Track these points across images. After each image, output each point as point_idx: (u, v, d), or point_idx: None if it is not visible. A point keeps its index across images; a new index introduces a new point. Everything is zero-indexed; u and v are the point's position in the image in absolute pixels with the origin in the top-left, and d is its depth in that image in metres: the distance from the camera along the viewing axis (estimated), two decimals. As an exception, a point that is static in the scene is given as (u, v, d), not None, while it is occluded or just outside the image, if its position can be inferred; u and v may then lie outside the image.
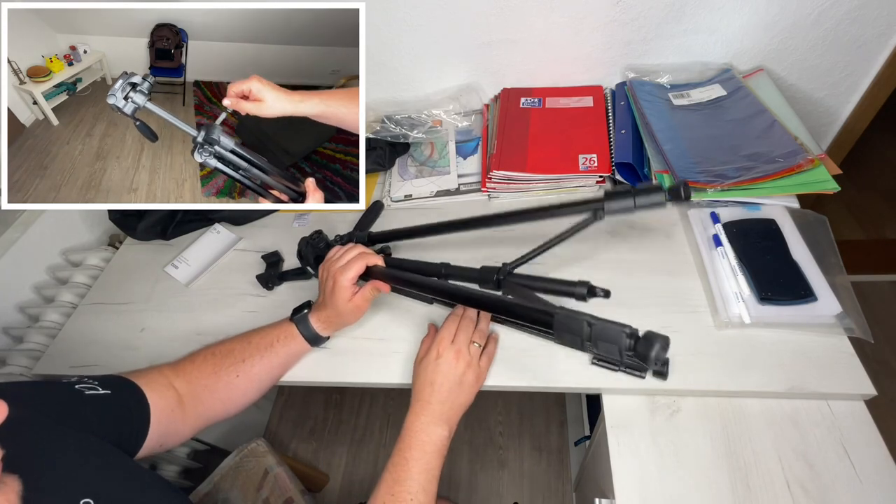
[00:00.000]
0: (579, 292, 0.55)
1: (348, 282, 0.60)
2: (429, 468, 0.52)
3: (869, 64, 0.91)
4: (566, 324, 0.45)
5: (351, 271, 0.60)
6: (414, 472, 0.51)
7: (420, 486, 0.51)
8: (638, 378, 0.59)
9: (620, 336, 0.41)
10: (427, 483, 0.51)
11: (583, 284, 0.55)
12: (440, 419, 0.55)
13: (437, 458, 0.53)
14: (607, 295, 0.54)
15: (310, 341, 0.64)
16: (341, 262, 0.62)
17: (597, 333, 0.43)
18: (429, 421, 0.55)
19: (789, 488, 0.52)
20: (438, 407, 0.55)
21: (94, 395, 0.45)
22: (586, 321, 0.43)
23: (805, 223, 0.70)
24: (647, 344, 0.40)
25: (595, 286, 0.55)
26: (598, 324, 0.43)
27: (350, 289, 0.61)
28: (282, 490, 0.86)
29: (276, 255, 0.82)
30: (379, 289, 0.62)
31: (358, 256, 0.62)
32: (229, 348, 0.61)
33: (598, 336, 0.43)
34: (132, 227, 0.88)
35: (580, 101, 0.92)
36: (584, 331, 0.44)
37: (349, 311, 0.62)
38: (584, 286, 0.55)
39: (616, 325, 0.42)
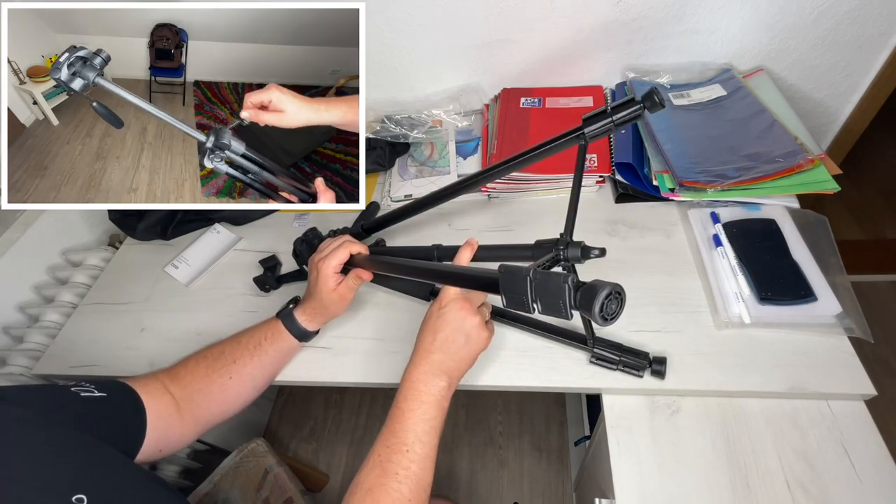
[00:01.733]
0: (572, 254, 0.51)
1: (331, 270, 0.60)
2: (426, 418, 0.49)
3: (869, 64, 0.91)
4: (510, 282, 0.41)
5: (334, 260, 0.60)
6: (410, 422, 0.48)
7: (416, 437, 0.48)
8: (636, 377, 0.59)
9: (562, 288, 0.38)
10: (424, 434, 0.48)
11: (575, 245, 0.52)
12: (440, 370, 0.51)
13: (436, 409, 0.50)
14: (602, 253, 0.51)
15: (297, 337, 0.64)
16: (325, 252, 0.62)
17: (538, 287, 0.39)
18: (427, 370, 0.51)
19: (789, 488, 0.52)
20: (439, 356, 0.52)
21: (89, 397, 0.45)
22: (528, 275, 0.40)
23: (805, 223, 0.70)
24: (589, 293, 0.37)
25: (589, 246, 0.52)
26: (540, 276, 0.39)
27: (333, 277, 0.61)
28: (282, 490, 0.86)
29: (273, 258, 0.82)
30: (360, 276, 0.62)
31: (341, 245, 0.62)
32: (220, 350, 0.61)
33: (539, 290, 0.39)
34: (132, 227, 0.88)
35: (580, 101, 0.92)
36: (527, 287, 0.40)
37: (333, 301, 0.62)
38: (577, 246, 0.52)
39: (557, 274, 0.39)
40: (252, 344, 0.62)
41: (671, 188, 0.74)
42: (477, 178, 0.64)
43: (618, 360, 0.60)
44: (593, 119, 0.52)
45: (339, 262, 0.61)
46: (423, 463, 0.47)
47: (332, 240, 0.65)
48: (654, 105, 0.48)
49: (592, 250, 0.50)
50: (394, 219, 0.72)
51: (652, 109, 0.48)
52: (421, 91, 0.99)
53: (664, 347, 0.61)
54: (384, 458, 0.47)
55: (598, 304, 0.36)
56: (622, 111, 0.50)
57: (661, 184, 0.75)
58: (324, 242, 0.65)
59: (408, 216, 0.72)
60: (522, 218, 0.82)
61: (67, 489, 0.36)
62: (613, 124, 0.50)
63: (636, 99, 0.49)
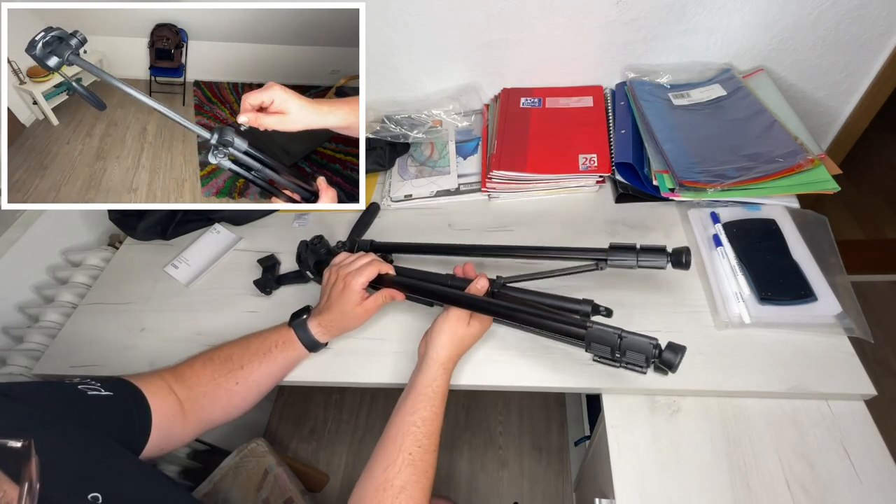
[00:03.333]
0: (583, 310, 0.59)
1: (359, 286, 0.61)
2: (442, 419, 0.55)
3: (869, 64, 0.91)
4: (599, 336, 0.50)
5: (362, 276, 0.61)
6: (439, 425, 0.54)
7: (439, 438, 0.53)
8: (640, 373, 0.59)
9: (648, 347, 0.48)
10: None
11: (587, 303, 0.59)
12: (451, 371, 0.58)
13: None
14: (609, 314, 0.59)
15: (308, 347, 0.64)
16: (354, 267, 0.62)
17: (626, 345, 0.49)
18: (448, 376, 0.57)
19: (789, 488, 0.52)
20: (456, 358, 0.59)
21: (96, 395, 0.45)
22: (618, 334, 0.50)
23: (805, 223, 0.70)
24: (671, 353, 0.47)
25: (598, 304, 0.59)
26: (628, 337, 0.49)
27: (360, 293, 0.61)
28: (282, 490, 0.86)
29: (271, 258, 0.81)
30: (394, 296, 0.64)
31: (371, 263, 0.63)
32: (228, 354, 0.61)
33: (627, 347, 0.49)
34: (132, 227, 0.88)
35: (580, 101, 0.92)
36: (615, 342, 0.49)
37: (356, 316, 0.62)
38: (589, 304, 0.59)
39: (643, 337, 0.49)
40: (262, 350, 0.62)
41: (671, 188, 0.74)
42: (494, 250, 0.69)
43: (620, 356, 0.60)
44: (620, 251, 0.58)
45: (368, 278, 0.62)
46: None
47: (357, 255, 0.65)
48: (680, 265, 0.56)
49: (600, 308, 0.60)
50: (404, 250, 0.75)
51: (676, 266, 0.56)
52: (421, 91, 0.99)
53: (664, 347, 0.61)
54: (416, 458, 0.50)
55: (677, 360, 0.47)
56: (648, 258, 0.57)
57: (661, 184, 0.75)
58: (345, 256, 0.66)
59: (419, 253, 0.74)
60: (522, 218, 0.82)
61: (84, 487, 0.36)
62: (637, 264, 0.57)
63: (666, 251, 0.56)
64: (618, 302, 0.62)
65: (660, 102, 0.87)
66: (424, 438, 0.51)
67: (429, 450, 0.51)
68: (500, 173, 0.81)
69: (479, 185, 0.86)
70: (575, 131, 0.86)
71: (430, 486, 0.50)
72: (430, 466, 0.51)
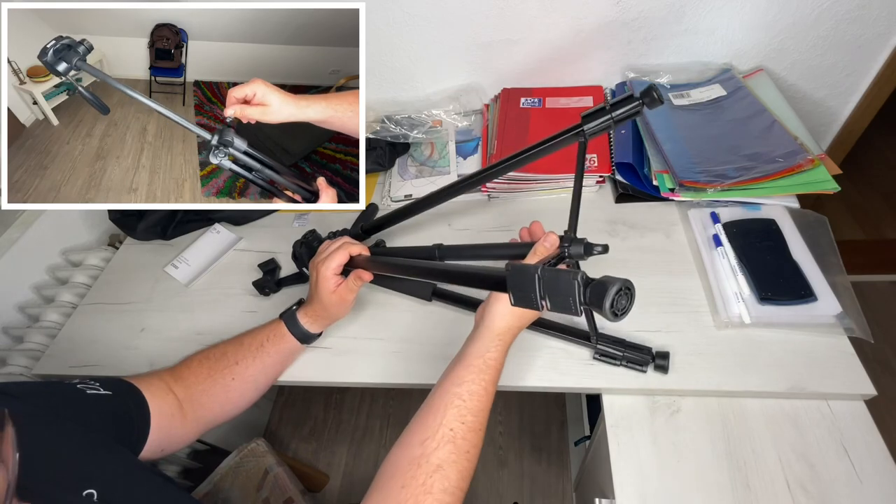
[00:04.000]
0: (576, 251, 0.51)
1: (330, 272, 0.60)
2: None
3: (869, 64, 0.91)
4: (518, 280, 0.41)
5: (333, 261, 0.60)
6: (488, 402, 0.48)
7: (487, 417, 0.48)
8: (640, 372, 0.59)
9: (572, 285, 0.38)
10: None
11: (578, 242, 0.51)
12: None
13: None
14: (605, 249, 0.50)
15: (300, 339, 0.64)
16: (325, 255, 0.62)
17: (547, 285, 0.40)
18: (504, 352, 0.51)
19: (789, 488, 0.52)
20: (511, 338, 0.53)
21: (95, 394, 0.45)
22: (537, 273, 0.40)
23: (805, 223, 0.70)
24: (599, 289, 0.37)
25: (591, 242, 0.51)
26: (549, 273, 0.40)
27: (332, 279, 0.61)
28: (282, 490, 0.86)
29: (272, 262, 0.81)
30: (361, 277, 0.61)
31: (341, 247, 0.62)
32: (223, 351, 0.61)
33: (549, 288, 0.40)
34: (132, 227, 0.88)
35: (580, 101, 0.92)
36: (536, 284, 0.40)
37: (334, 304, 0.61)
38: (580, 243, 0.51)
39: (567, 271, 0.39)
40: (255, 345, 0.62)
41: (671, 188, 0.74)
42: (476, 178, 0.64)
43: (621, 355, 0.60)
44: (592, 116, 0.52)
45: (339, 263, 0.61)
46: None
47: (331, 241, 0.65)
48: (653, 101, 0.47)
49: (595, 247, 0.50)
50: (392, 220, 0.72)
51: (651, 105, 0.48)
52: (421, 91, 0.99)
53: (664, 347, 0.61)
54: (458, 435, 0.45)
55: (608, 301, 0.36)
56: (621, 107, 0.50)
57: (661, 184, 0.75)
58: (323, 244, 0.65)
59: (406, 217, 0.72)
60: (522, 218, 0.82)
61: (78, 484, 0.36)
62: (613, 121, 0.50)
63: (635, 95, 0.49)
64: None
65: (660, 102, 0.87)
66: (469, 415, 0.46)
67: (473, 428, 0.46)
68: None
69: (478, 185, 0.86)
70: (575, 131, 0.86)
71: (470, 469, 0.45)
72: (474, 447, 0.45)
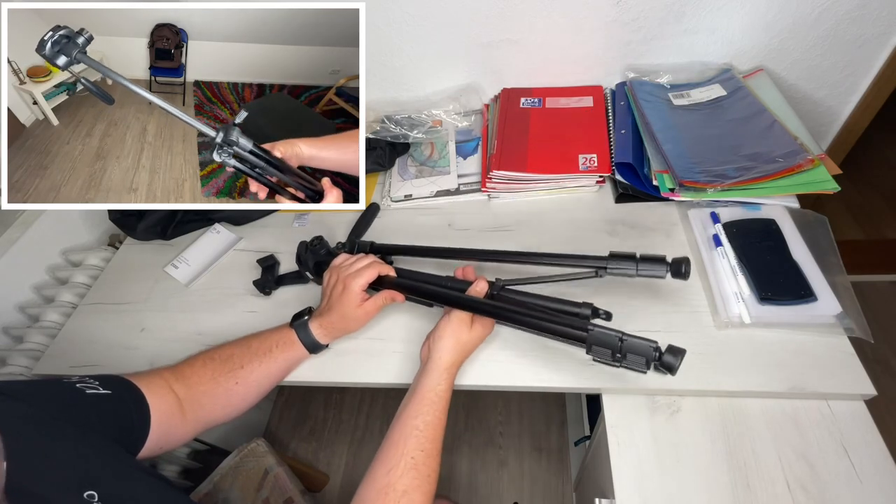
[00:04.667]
0: (583, 313, 0.59)
1: (359, 287, 0.61)
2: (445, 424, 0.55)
3: (869, 64, 0.91)
4: (600, 339, 0.51)
5: (362, 278, 0.62)
6: (442, 430, 0.54)
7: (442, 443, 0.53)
8: (640, 373, 0.59)
9: (649, 351, 0.49)
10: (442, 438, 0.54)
11: (587, 306, 0.58)
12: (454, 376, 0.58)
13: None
14: (608, 317, 0.58)
15: (309, 349, 0.64)
16: (354, 269, 0.63)
17: (627, 348, 0.49)
18: (451, 382, 0.57)
19: (789, 488, 0.52)
20: (459, 363, 0.59)
21: (95, 394, 0.45)
22: (619, 337, 0.50)
23: (805, 223, 0.70)
24: (672, 356, 0.48)
25: (598, 308, 0.59)
26: (629, 340, 0.50)
27: (360, 295, 0.62)
28: (282, 490, 0.86)
29: (271, 258, 0.81)
30: (394, 298, 0.64)
31: (371, 264, 0.63)
32: (228, 353, 0.61)
33: (628, 350, 0.49)
34: (132, 227, 0.88)
35: (580, 101, 0.92)
36: (616, 345, 0.50)
37: (356, 318, 0.62)
38: (589, 307, 0.58)
39: (644, 340, 0.49)
40: (262, 350, 0.62)
41: (671, 188, 0.74)
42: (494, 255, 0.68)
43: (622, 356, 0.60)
44: (619, 259, 0.58)
45: (368, 280, 0.62)
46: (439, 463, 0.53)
47: (357, 257, 0.65)
48: (679, 275, 0.55)
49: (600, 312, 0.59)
50: (404, 252, 0.74)
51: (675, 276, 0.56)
52: (421, 91, 0.99)
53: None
54: (419, 462, 0.50)
55: (678, 363, 0.48)
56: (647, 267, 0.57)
57: (661, 184, 0.75)
58: (345, 258, 0.66)
59: (419, 255, 0.73)
60: (522, 218, 0.82)
61: (78, 485, 0.36)
62: (636, 273, 0.58)
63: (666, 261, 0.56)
64: (618, 302, 0.62)
65: (660, 102, 0.87)
66: (427, 443, 0.51)
67: (431, 454, 0.51)
68: (500, 173, 0.81)
69: (479, 185, 0.86)
70: (575, 131, 0.86)
71: (432, 491, 0.50)
72: (433, 471, 0.51)
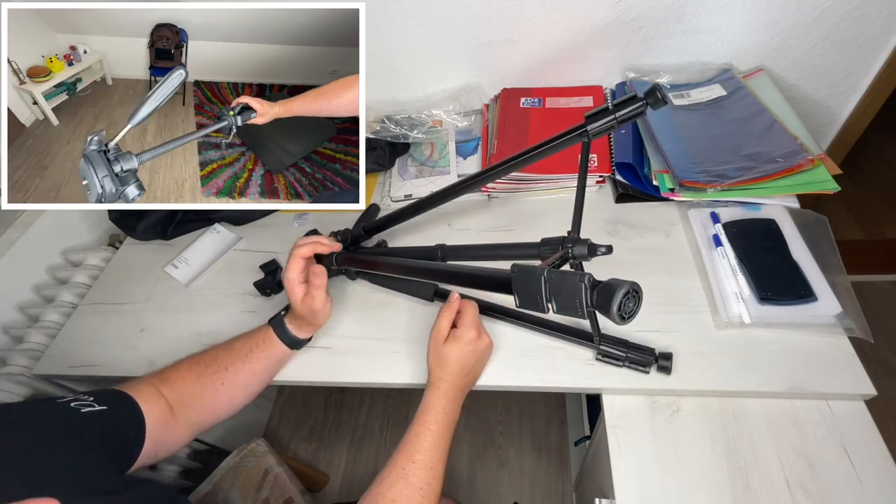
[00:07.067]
0: (579, 252, 0.50)
1: (292, 283, 0.59)
2: (447, 438, 0.55)
3: (869, 64, 0.91)
4: (524, 282, 0.41)
5: (290, 271, 0.59)
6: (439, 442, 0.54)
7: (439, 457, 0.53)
8: (643, 373, 0.59)
9: (579, 287, 0.38)
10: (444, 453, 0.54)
11: (582, 243, 0.50)
12: (463, 395, 0.59)
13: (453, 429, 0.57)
14: (609, 250, 0.49)
15: (289, 345, 0.63)
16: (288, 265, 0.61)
17: (553, 287, 0.40)
18: (457, 397, 0.58)
19: (789, 488, 0.52)
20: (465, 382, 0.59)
21: (90, 412, 0.45)
22: (543, 275, 0.40)
23: (805, 223, 0.70)
24: (607, 292, 0.36)
25: (595, 243, 0.50)
26: (555, 275, 0.39)
27: (298, 288, 0.59)
28: (282, 490, 0.86)
29: (273, 263, 0.81)
30: (314, 272, 0.59)
31: (291, 254, 0.60)
32: (213, 356, 0.61)
33: (555, 290, 0.40)
34: (132, 227, 0.88)
35: (580, 101, 0.92)
36: (542, 287, 0.40)
37: (306, 313, 0.60)
38: (584, 244, 0.50)
39: (573, 273, 0.39)
40: (244, 351, 0.61)
41: (671, 188, 0.74)
42: (478, 178, 0.64)
43: (624, 356, 0.60)
44: (596, 116, 0.52)
45: (297, 270, 0.59)
46: (441, 479, 0.53)
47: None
48: (657, 101, 0.47)
49: (599, 248, 0.49)
50: (394, 220, 0.72)
51: (654, 106, 0.48)
52: (421, 91, 0.99)
53: (664, 347, 0.61)
54: (409, 473, 0.50)
55: (616, 304, 0.36)
56: (625, 108, 0.50)
57: (661, 184, 0.75)
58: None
59: (408, 217, 0.72)
60: (522, 218, 0.82)
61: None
62: (616, 121, 0.50)
63: (638, 96, 0.49)
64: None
65: (660, 102, 0.87)
66: (418, 454, 0.52)
67: (423, 466, 0.51)
68: (500, 173, 0.81)
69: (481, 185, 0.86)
70: (575, 131, 0.86)
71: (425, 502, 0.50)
72: (426, 484, 0.50)
